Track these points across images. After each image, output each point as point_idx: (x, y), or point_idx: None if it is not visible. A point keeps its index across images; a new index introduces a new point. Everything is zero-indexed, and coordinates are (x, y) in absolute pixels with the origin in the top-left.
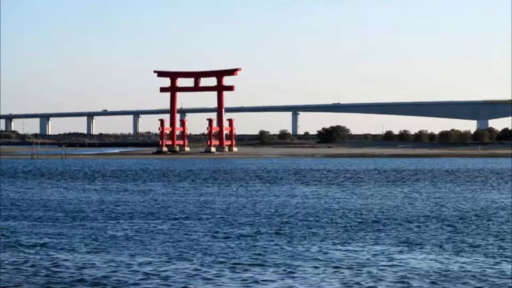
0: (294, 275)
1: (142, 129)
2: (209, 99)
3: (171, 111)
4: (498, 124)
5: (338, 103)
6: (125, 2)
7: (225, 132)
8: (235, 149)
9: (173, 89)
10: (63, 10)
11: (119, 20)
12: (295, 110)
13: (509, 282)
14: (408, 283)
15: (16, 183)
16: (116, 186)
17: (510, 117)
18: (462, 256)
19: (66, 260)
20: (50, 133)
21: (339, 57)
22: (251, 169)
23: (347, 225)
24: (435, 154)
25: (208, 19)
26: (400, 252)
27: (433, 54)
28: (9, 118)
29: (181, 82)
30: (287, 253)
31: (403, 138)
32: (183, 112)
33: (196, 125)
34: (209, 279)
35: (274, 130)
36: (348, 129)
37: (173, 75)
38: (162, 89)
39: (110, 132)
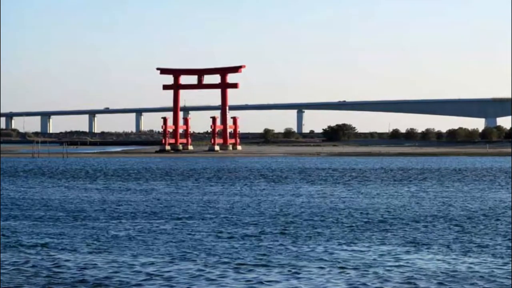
0: (299, 275)
1: (144, 127)
2: (213, 97)
3: (174, 109)
4: (506, 122)
5: (344, 101)
6: None
7: (229, 130)
8: (239, 147)
9: (176, 87)
10: (64, 7)
11: (121, 17)
12: (300, 108)
13: None
14: (415, 284)
15: (17, 182)
16: (118, 185)
17: None
18: (470, 257)
19: (67, 260)
20: (51, 131)
21: (345, 55)
22: (256, 168)
23: (353, 225)
24: (442, 153)
25: (211, 15)
26: (407, 252)
27: (440, 51)
28: (9, 116)
29: (184, 79)
30: (292, 253)
31: (410, 136)
32: (186, 110)
33: (200, 123)
34: (213, 280)
35: (279, 128)
36: (354, 128)
37: (176, 73)
38: (165, 87)
39: (112, 130)
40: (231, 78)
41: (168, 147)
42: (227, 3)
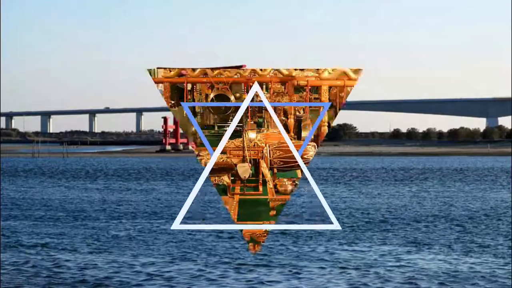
0: (300, 275)
1: (145, 127)
2: None
3: None
4: (508, 122)
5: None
6: None
7: None
8: None
9: None
10: (64, 7)
11: (121, 16)
12: None
13: None
14: (416, 284)
15: (17, 182)
16: (118, 185)
17: None
18: (471, 257)
19: (67, 260)
20: (51, 131)
21: (346, 54)
22: None
23: (354, 225)
24: (443, 153)
25: (212, 14)
26: (408, 252)
27: (441, 50)
28: (9, 115)
29: None
30: (293, 253)
31: (411, 136)
32: None
33: None
34: (213, 280)
35: None
36: (355, 127)
37: None
38: None
39: (113, 130)
40: None
41: (168, 147)
42: (228, 3)
